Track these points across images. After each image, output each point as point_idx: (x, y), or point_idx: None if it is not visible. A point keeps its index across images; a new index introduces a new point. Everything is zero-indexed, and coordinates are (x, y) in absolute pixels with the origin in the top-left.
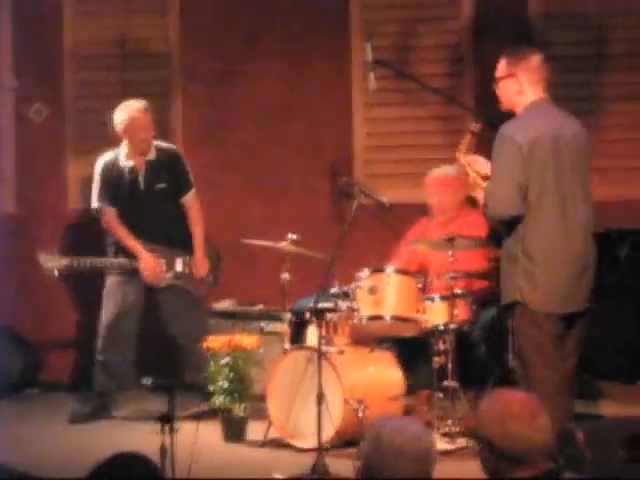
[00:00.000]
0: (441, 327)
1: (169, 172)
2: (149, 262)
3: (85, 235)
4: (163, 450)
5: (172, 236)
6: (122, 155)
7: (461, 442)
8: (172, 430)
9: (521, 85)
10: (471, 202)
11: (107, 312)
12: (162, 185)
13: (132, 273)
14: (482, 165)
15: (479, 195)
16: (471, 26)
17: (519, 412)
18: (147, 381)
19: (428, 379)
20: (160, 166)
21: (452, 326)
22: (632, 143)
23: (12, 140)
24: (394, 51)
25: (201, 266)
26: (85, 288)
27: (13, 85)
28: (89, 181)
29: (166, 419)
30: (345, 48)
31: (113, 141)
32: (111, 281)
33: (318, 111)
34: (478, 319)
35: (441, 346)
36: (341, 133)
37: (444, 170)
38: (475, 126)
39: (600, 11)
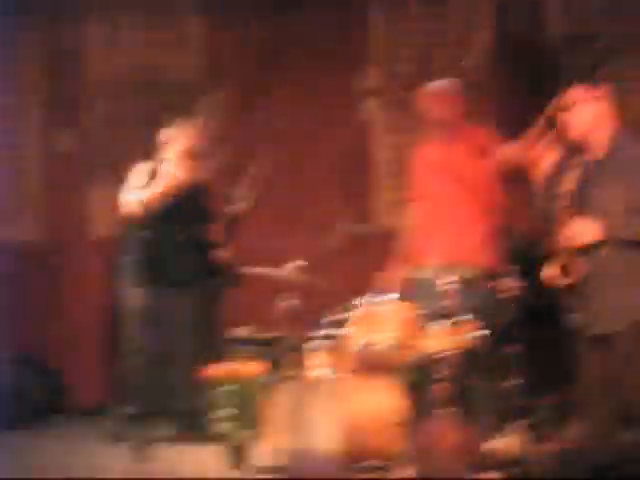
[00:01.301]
0: (443, 353)
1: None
2: None
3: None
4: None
5: None
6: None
7: None
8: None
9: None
10: None
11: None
12: None
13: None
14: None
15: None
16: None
17: None
18: (130, 410)
19: (432, 406)
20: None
21: (455, 352)
22: None
23: (38, 169)
24: (407, 77)
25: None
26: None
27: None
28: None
29: (140, 446)
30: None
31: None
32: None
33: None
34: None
35: (444, 372)
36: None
37: (440, 84)
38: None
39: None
